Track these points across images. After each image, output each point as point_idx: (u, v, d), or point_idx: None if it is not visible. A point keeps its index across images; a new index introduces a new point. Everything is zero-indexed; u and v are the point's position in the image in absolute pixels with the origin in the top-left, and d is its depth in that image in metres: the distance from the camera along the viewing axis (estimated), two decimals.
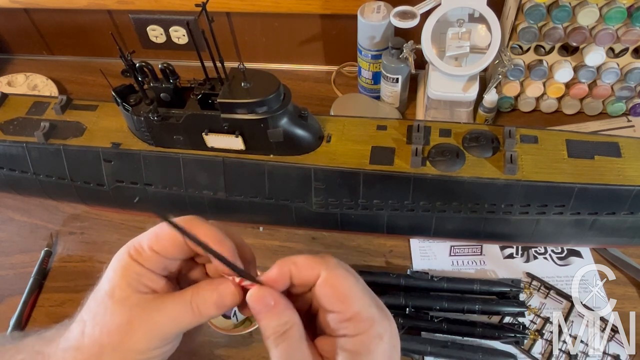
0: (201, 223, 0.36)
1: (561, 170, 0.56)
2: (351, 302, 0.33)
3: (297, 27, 0.90)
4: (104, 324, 0.35)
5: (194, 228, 0.36)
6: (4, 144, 0.67)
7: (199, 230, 0.35)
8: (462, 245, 0.68)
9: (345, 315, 0.33)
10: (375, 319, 0.33)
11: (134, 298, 0.35)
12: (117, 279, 0.36)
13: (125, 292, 0.35)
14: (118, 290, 0.35)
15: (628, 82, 0.74)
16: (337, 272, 0.34)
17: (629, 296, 0.62)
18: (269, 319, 0.34)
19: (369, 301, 0.34)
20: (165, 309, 0.35)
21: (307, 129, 0.60)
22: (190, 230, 0.35)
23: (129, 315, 0.35)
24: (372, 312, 0.33)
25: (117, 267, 0.36)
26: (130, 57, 0.54)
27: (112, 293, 0.35)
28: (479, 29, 0.71)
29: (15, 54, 1.06)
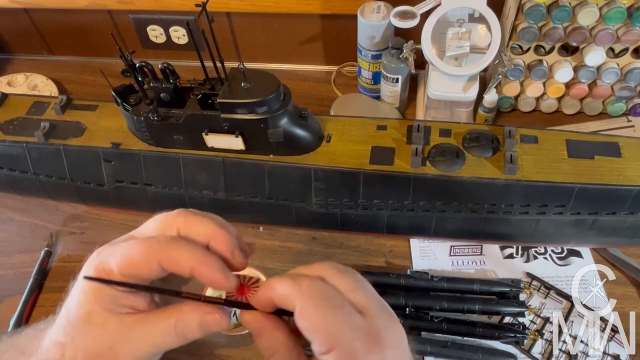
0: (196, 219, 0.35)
1: (561, 170, 0.56)
2: (326, 336, 0.30)
3: (297, 27, 0.90)
4: (85, 348, 0.33)
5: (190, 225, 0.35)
6: (4, 144, 0.67)
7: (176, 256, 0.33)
8: (462, 245, 0.68)
9: (322, 348, 0.30)
10: (357, 353, 0.30)
11: (114, 322, 0.33)
12: (91, 304, 0.33)
13: (103, 316, 0.33)
14: (95, 317, 0.33)
15: (628, 82, 0.74)
16: (311, 302, 0.31)
17: (629, 296, 0.62)
18: (258, 339, 0.33)
19: (350, 333, 0.30)
20: (148, 333, 0.34)
21: (307, 129, 0.60)
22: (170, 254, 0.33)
23: (111, 340, 0.33)
24: (352, 347, 0.30)
25: (88, 290, 0.34)
26: (130, 57, 0.54)
27: (89, 319, 0.33)
28: (479, 29, 0.71)
29: (15, 54, 1.06)
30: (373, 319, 0.32)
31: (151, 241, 0.34)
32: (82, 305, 0.34)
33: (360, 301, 0.32)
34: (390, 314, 0.33)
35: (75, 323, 0.34)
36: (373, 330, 0.31)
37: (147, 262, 0.33)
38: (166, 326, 0.34)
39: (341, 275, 0.33)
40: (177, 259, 0.33)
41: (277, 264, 0.68)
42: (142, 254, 0.33)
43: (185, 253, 0.33)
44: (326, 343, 0.30)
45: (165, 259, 0.33)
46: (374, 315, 0.32)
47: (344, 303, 0.32)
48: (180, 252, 0.33)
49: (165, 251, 0.33)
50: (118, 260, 0.33)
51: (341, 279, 0.33)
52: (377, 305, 0.33)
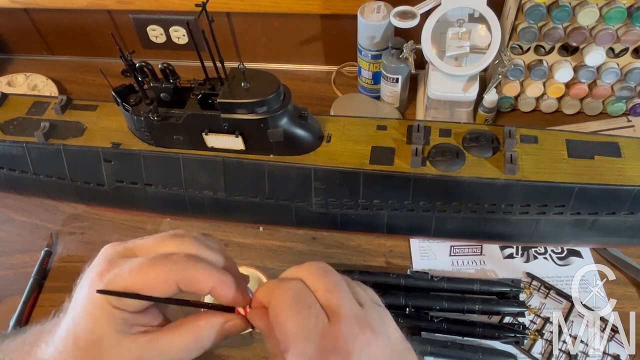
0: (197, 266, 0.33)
1: (561, 170, 0.56)
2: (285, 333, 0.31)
3: (297, 27, 0.90)
4: None
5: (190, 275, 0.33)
6: (4, 144, 0.67)
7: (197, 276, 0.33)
8: (462, 245, 0.68)
9: (282, 345, 0.31)
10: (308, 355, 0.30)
11: (126, 344, 0.32)
12: (103, 328, 0.32)
13: (116, 339, 0.32)
14: (106, 340, 0.32)
15: (628, 82, 0.74)
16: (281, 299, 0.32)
17: (629, 296, 0.62)
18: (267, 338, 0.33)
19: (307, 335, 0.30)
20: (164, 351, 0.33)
21: (307, 129, 0.60)
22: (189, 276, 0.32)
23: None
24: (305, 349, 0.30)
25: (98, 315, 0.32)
26: (130, 57, 0.54)
27: (100, 343, 0.32)
28: (479, 29, 0.71)
29: (15, 54, 1.06)
30: (339, 324, 0.31)
31: (165, 262, 0.33)
32: (93, 330, 0.32)
33: (333, 303, 0.32)
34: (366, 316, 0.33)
35: (87, 348, 0.32)
36: (332, 336, 0.31)
37: (165, 284, 0.32)
38: (184, 342, 0.33)
39: (322, 276, 0.33)
40: (196, 280, 0.33)
41: (277, 264, 0.68)
42: (159, 276, 0.32)
43: (204, 274, 0.33)
44: (284, 342, 0.31)
45: (185, 279, 0.32)
46: (342, 320, 0.31)
47: (313, 304, 0.32)
48: (199, 272, 0.33)
49: (184, 272, 0.32)
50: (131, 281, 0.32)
51: (321, 280, 0.33)
52: (351, 310, 0.32)
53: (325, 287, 0.33)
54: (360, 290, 0.35)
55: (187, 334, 0.33)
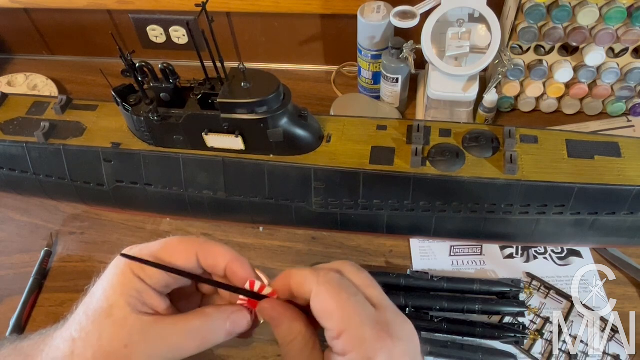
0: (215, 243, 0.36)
1: (561, 170, 0.56)
2: (338, 320, 0.31)
3: (297, 27, 0.90)
4: (99, 347, 0.33)
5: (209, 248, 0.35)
6: (4, 144, 0.67)
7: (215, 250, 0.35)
8: (462, 245, 0.68)
9: (333, 332, 0.31)
10: (366, 338, 0.31)
11: (133, 319, 0.33)
12: (116, 296, 0.33)
13: (124, 311, 0.33)
14: (117, 310, 0.33)
15: (628, 82, 0.74)
16: (326, 287, 0.32)
17: (629, 296, 0.62)
18: (277, 328, 0.34)
19: (360, 319, 0.31)
20: (168, 337, 0.33)
21: (307, 129, 0.60)
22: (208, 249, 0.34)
23: (128, 339, 0.33)
24: (361, 332, 0.31)
25: (116, 282, 0.34)
26: (130, 57, 0.54)
27: (110, 312, 0.33)
28: (479, 29, 0.71)
29: (15, 54, 1.06)
30: (385, 312, 0.33)
31: (190, 238, 0.36)
32: (107, 297, 0.34)
33: (375, 296, 0.34)
34: (402, 314, 0.35)
35: (94, 317, 0.33)
36: (384, 321, 0.32)
37: (187, 253, 0.35)
38: (189, 327, 0.34)
39: (358, 272, 0.35)
40: (215, 253, 0.35)
41: (277, 264, 0.68)
42: (182, 245, 0.35)
43: (222, 250, 0.35)
44: (337, 327, 0.31)
45: (204, 252, 0.35)
46: (387, 310, 0.33)
47: (358, 292, 0.33)
48: (218, 248, 0.35)
49: (205, 245, 0.35)
50: (156, 250, 0.35)
51: (357, 275, 0.35)
52: (390, 302, 0.34)
53: (364, 281, 0.34)
54: None
55: (194, 320, 0.34)
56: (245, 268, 0.35)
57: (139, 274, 0.34)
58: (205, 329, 0.34)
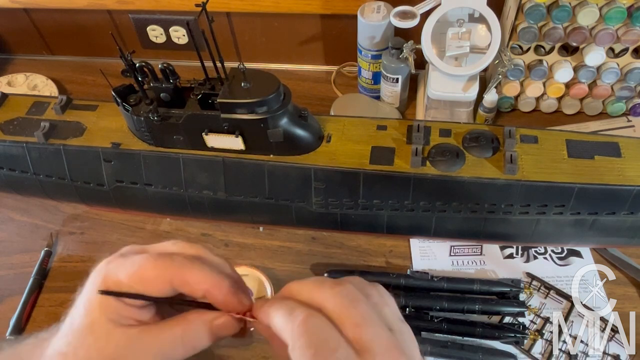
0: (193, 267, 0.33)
1: (561, 170, 0.56)
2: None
3: (297, 27, 0.90)
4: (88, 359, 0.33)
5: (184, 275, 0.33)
6: (4, 144, 0.67)
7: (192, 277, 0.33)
8: (462, 245, 0.68)
9: None
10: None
11: (117, 334, 0.33)
12: (95, 314, 0.33)
13: (107, 327, 0.33)
14: (98, 327, 0.33)
15: (628, 82, 0.74)
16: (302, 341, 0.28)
17: (629, 296, 0.62)
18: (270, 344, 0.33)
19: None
20: (153, 346, 0.33)
21: (307, 129, 0.60)
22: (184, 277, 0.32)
23: (115, 353, 0.33)
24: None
25: (94, 300, 0.33)
26: (130, 57, 0.54)
27: (92, 328, 0.33)
28: (479, 29, 0.71)
29: (15, 54, 1.06)
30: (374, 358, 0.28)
31: (165, 259, 0.33)
32: (87, 314, 0.33)
33: (363, 339, 0.29)
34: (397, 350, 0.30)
35: (79, 333, 0.33)
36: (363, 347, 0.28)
37: (159, 280, 0.33)
38: (172, 336, 0.33)
39: (349, 308, 0.30)
40: (190, 281, 0.33)
41: (277, 264, 0.68)
42: (155, 271, 0.33)
43: (199, 276, 0.33)
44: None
45: (178, 279, 0.33)
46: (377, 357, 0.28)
47: (339, 345, 0.29)
48: (193, 274, 0.33)
49: (179, 272, 0.33)
50: (129, 274, 0.33)
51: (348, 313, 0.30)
52: (383, 342, 0.29)
53: (354, 320, 0.30)
54: (387, 309, 0.32)
55: (176, 328, 0.33)
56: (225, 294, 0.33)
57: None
58: (189, 336, 0.33)
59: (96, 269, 0.35)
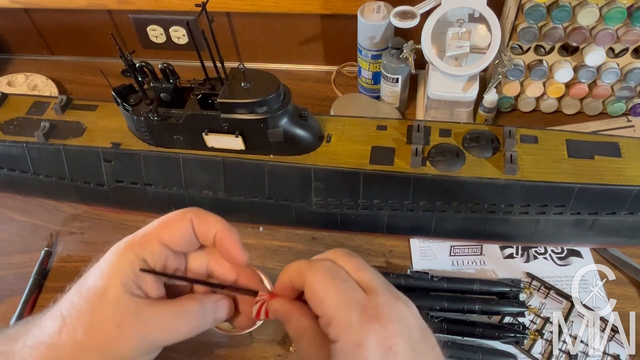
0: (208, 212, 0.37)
1: (561, 170, 0.56)
2: (327, 307, 0.32)
3: (297, 27, 0.90)
4: (90, 325, 0.33)
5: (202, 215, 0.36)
6: (4, 144, 0.67)
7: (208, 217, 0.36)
8: (462, 245, 0.68)
9: (324, 319, 0.32)
10: (352, 324, 0.31)
11: (127, 300, 0.33)
12: (113, 276, 0.34)
13: (119, 291, 0.33)
14: (111, 290, 0.33)
15: (628, 82, 0.74)
16: (318, 276, 0.33)
17: (629, 296, 0.62)
18: (287, 324, 0.35)
19: (349, 304, 0.31)
20: (160, 319, 0.34)
21: (307, 129, 0.60)
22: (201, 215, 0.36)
23: (120, 319, 0.33)
24: (348, 318, 0.31)
25: (114, 263, 0.34)
26: (130, 57, 0.54)
27: (105, 291, 0.33)
28: (479, 29, 0.71)
29: (15, 54, 1.06)
30: (376, 296, 0.33)
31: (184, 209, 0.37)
32: (102, 277, 0.34)
33: (365, 279, 0.34)
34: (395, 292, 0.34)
35: (87, 296, 0.34)
36: (373, 305, 0.32)
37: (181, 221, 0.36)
38: (179, 312, 0.35)
39: (349, 257, 0.35)
40: (207, 220, 0.36)
41: (277, 264, 0.68)
42: (176, 215, 0.36)
43: (213, 218, 0.36)
44: (327, 314, 0.32)
45: (198, 218, 0.36)
46: (378, 292, 0.33)
47: (348, 279, 0.33)
48: (209, 216, 0.36)
49: (198, 212, 0.36)
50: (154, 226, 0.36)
51: (349, 260, 0.35)
52: (381, 284, 0.34)
53: (355, 266, 0.35)
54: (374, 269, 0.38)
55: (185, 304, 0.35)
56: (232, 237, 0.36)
57: (140, 252, 0.35)
58: (196, 313, 0.35)
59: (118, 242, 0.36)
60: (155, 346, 0.35)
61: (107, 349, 0.33)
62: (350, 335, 0.31)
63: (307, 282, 0.33)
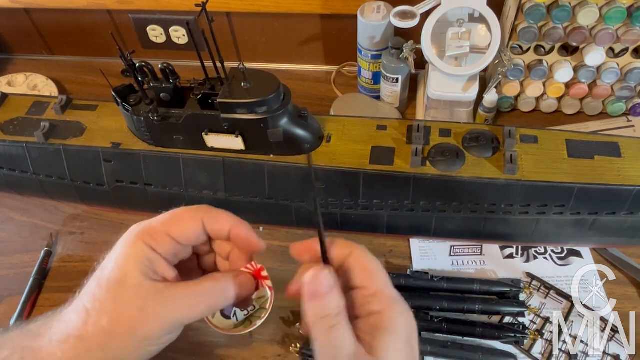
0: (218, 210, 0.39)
1: (561, 170, 0.56)
2: (376, 279, 0.36)
3: (297, 27, 0.90)
4: (114, 312, 0.34)
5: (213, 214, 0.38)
6: (4, 144, 0.67)
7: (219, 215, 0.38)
8: (462, 245, 0.68)
9: (370, 290, 0.35)
10: (396, 297, 0.36)
11: (147, 285, 0.35)
12: (130, 265, 0.35)
13: (138, 278, 0.34)
14: (130, 278, 0.34)
15: (628, 82, 0.74)
16: (365, 252, 0.37)
17: (629, 296, 0.62)
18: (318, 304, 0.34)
19: (389, 283, 0.36)
20: (180, 299, 0.35)
21: (307, 129, 0.60)
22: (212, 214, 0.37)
23: (142, 303, 0.34)
24: (393, 292, 0.36)
25: (129, 252, 0.35)
26: (130, 57, 0.54)
27: (124, 280, 0.34)
28: (479, 29, 0.71)
29: (15, 54, 1.06)
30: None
31: (194, 206, 0.38)
32: (120, 267, 0.35)
33: None
34: None
35: (108, 286, 0.35)
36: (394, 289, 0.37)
37: (194, 220, 0.37)
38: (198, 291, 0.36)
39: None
40: (219, 218, 0.37)
41: (277, 264, 0.68)
42: (188, 213, 0.37)
43: (225, 215, 0.38)
44: (375, 286, 0.35)
45: (209, 218, 0.37)
46: None
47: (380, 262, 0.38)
48: (221, 213, 0.38)
49: (209, 212, 0.37)
50: (163, 220, 0.37)
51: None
52: None
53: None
54: None
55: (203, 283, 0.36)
56: (247, 230, 0.39)
57: (150, 244, 0.35)
58: (215, 291, 0.36)
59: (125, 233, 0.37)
60: (178, 324, 0.36)
61: (134, 333, 0.34)
62: (396, 306, 0.35)
63: (358, 254, 0.36)
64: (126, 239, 0.36)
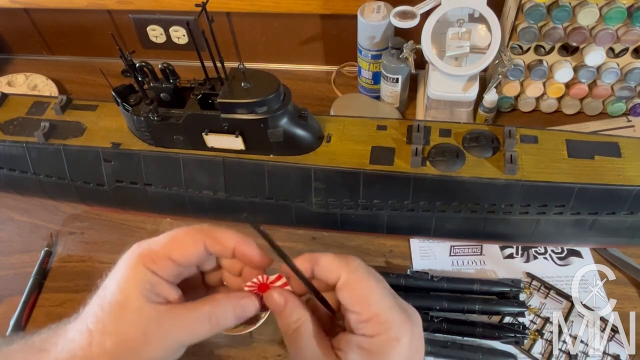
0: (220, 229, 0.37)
1: (561, 170, 0.56)
2: (369, 305, 0.34)
3: (297, 27, 0.90)
4: (117, 335, 0.34)
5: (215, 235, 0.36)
6: (4, 144, 0.67)
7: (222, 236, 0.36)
8: (462, 245, 0.68)
9: (363, 316, 0.34)
10: (393, 322, 0.34)
11: (148, 309, 0.34)
12: (130, 289, 0.35)
13: (139, 302, 0.34)
14: (132, 301, 0.34)
15: (628, 82, 0.74)
16: (357, 275, 0.35)
17: (629, 296, 0.62)
18: (283, 316, 0.36)
19: (389, 304, 0.34)
20: (182, 321, 0.35)
21: (307, 129, 0.60)
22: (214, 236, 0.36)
23: (144, 327, 0.34)
24: (390, 315, 0.34)
25: (129, 276, 0.35)
26: (130, 57, 0.54)
27: (125, 304, 0.34)
28: (479, 29, 0.71)
29: (15, 54, 1.06)
30: (399, 299, 0.36)
31: (194, 227, 0.37)
32: (121, 290, 0.35)
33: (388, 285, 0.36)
34: None
35: (110, 309, 0.35)
36: (403, 307, 0.35)
37: (193, 242, 0.36)
38: (200, 314, 0.35)
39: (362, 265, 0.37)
40: (221, 238, 0.36)
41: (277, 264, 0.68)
42: (188, 236, 0.36)
43: (228, 234, 0.37)
44: (368, 312, 0.34)
45: (211, 240, 0.36)
46: (399, 297, 0.36)
47: (383, 279, 0.36)
48: (223, 234, 0.37)
49: (210, 232, 0.36)
50: (164, 243, 0.36)
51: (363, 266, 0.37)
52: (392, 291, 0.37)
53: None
54: None
55: (205, 306, 0.36)
56: (252, 247, 0.37)
57: (151, 267, 0.35)
58: (217, 314, 0.36)
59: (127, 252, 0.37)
60: (180, 346, 0.36)
61: (137, 355, 0.34)
62: (391, 332, 0.34)
63: (346, 280, 0.34)
64: (127, 261, 0.36)
